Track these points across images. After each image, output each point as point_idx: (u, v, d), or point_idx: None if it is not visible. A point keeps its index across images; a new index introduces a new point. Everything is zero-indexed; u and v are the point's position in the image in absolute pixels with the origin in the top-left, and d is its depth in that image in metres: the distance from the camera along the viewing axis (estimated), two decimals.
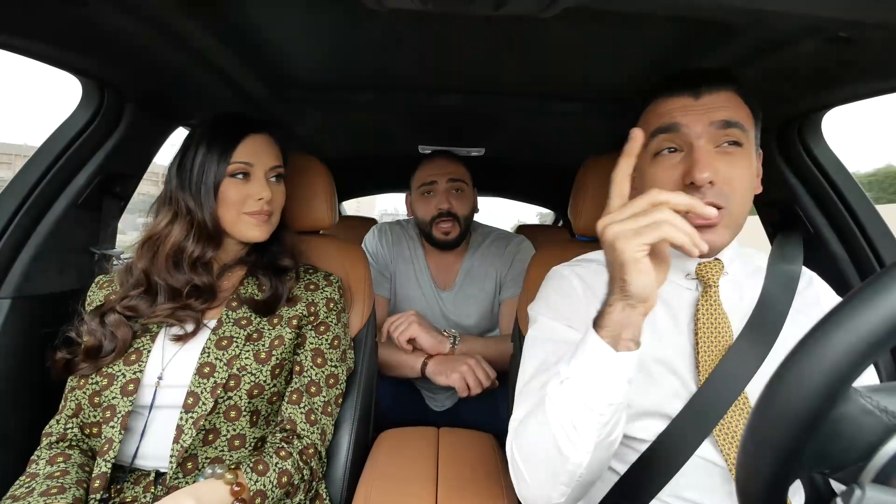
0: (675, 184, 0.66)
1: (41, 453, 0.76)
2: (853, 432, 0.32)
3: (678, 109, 0.67)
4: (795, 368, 0.32)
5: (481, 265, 1.45)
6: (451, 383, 1.15)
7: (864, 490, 0.29)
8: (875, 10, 0.59)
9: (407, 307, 1.42)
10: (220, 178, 0.84)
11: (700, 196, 0.63)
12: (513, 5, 0.61)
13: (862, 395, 0.33)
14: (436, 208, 1.36)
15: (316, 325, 0.90)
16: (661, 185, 0.67)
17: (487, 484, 0.86)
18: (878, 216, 1.00)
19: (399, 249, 1.48)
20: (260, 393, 0.80)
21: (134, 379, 0.77)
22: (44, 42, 0.76)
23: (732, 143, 0.66)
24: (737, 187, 0.66)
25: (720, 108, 0.66)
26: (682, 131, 0.66)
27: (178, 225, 0.84)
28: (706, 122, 0.65)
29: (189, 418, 0.75)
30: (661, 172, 0.68)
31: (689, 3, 0.61)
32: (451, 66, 1.01)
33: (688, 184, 0.65)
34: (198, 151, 0.84)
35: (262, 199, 0.86)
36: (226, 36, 0.83)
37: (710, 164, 0.64)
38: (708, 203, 0.62)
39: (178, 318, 0.81)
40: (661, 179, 0.68)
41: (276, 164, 0.90)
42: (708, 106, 0.66)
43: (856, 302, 0.31)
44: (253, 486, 0.70)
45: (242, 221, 0.86)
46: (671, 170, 0.67)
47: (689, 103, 0.67)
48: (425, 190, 1.39)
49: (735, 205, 0.66)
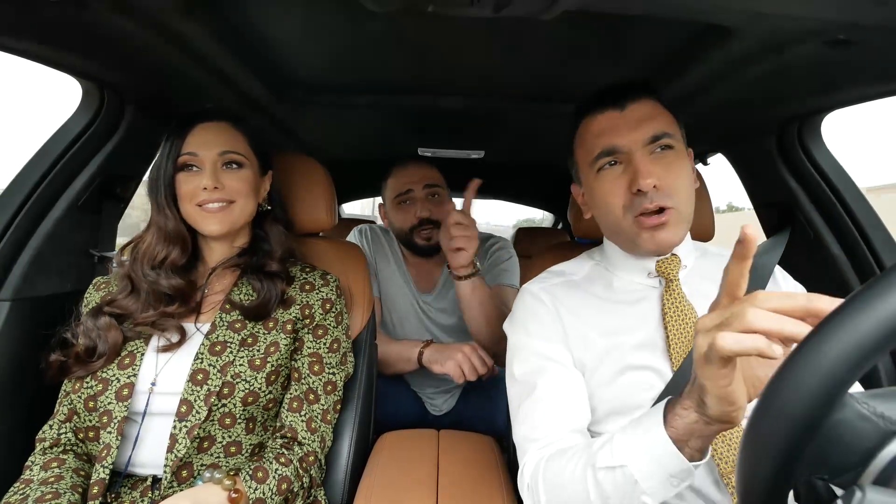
0: (624, 193, 0.73)
1: (35, 458, 0.76)
2: (850, 438, 0.32)
3: (610, 129, 0.74)
4: (792, 374, 0.32)
5: None
6: (445, 370, 1.13)
7: (864, 492, 0.29)
8: (874, 12, 0.60)
9: (391, 307, 1.41)
10: (170, 173, 0.83)
11: (647, 200, 0.70)
12: (513, 7, 0.61)
13: (858, 401, 0.33)
14: (415, 217, 1.32)
15: (313, 329, 0.88)
16: (610, 196, 0.74)
17: (488, 486, 0.86)
18: (877, 218, 1.01)
19: (380, 249, 1.45)
20: (255, 400, 0.79)
21: (128, 384, 0.76)
22: (43, 44, 0.76)
23: (665, 148, 0.73)
24: (678, 186, 0.72)
25: (646, 120, 0.73)
26: (619, 150, 0.73)
27: (151, 230, 0.85)
28: (638, 137, 0.72)
29: (183, 427, 0.74)
30: (609, 185, 0.75)
31: (688, 5, 0.61)
32: (452, 67, 1.01)
33: (634, 192, 0.71)
34: (160, 153, 0.85)
35: (208, 189, 0.81)
36: (226, 37, 0.83)
37: (651, 170, 0.70)
38: (656, 206, 0.70)
39: (161, 327, 0.80)
40: (609, 192, 0.74)
41: (226, 150, 0.84)
42: (634, 117, 0.73)
43: (853, 306, 0.31)
44: (252, 494, 0.70)
45: (200, 216, 0.83)
46: (616, 181, 0.74)
47: (616, 117, 0.74)
48: (401, 199, 1.35)
49: (680, 203, 0.72)
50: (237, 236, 0.92)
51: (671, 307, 0.74)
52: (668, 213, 0.71)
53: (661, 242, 0.72)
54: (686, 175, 0.74)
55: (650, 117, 0.73)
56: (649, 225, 0.71)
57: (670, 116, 0.76)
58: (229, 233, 0.87)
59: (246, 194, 0.87)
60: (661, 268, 0.77)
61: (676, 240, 0.74)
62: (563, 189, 1.36)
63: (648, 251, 0.75)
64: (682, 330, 0.72)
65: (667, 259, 0.77)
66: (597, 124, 0.76)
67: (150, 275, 0.82)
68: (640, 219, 0.71)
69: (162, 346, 0.79)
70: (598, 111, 0.76)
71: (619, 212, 0.74)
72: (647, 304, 0.77)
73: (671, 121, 0.76)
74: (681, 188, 0.72)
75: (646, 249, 0.74)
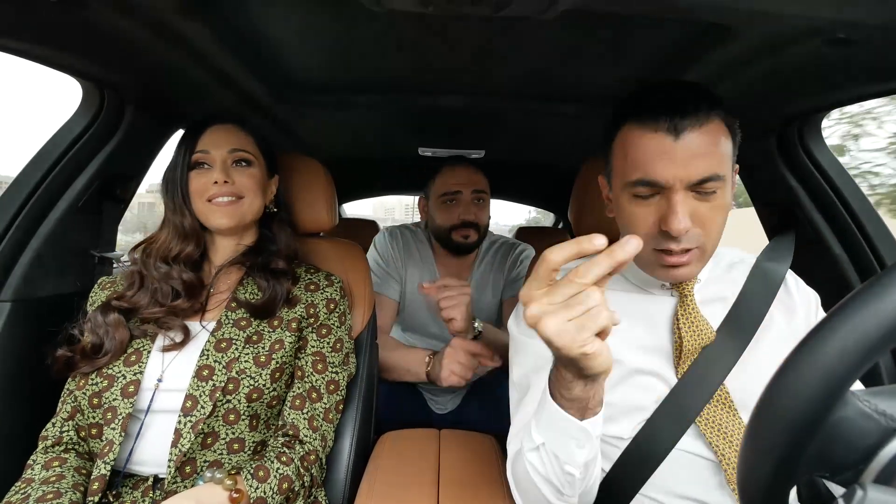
0: (652, 225, 0.66)
1: (37, 457, 0.76)
2: (852, 436, 0.32)
3: (657, 158, 0.64)
4: (793, 372, 0.32)
5: (488, 274, 1.46)
6: (449, 383, 1.13)
7: (865, 490, 0.29)
8: (874, 11, 0.60)
9: (417, 310, 1.42)
10: (185, 172, 0.86)
11: (674, 243, 0.65)
12: (513, 7, 0.61)
13: (860, 399, 0.33)
14: (458, 218, 1.35)
15: (317, 328, 0.89)
16: (638, 224, 0.67)
17: (489, 485, 0.86)
18: (878, 218, 1.00)
19: (409, 253, 1.48)
20: (259, 397, 0.79)
21: (134, 380, 0.77)
22: (43, 44, 0.76)
23: (712, 193, 0.65)
24: (711, 228, 0.66)
25: (700, 156, 0.63)
26: (660, 183, 0.64)
27: (166, 229, 0.88)
28: (685, 178, 0.63)
29: (188, 422, 0.74)
30: (639, 213, 0.67)
31: (687, 4, 0.61)
32: (452, 67, 1.01)
33: (663, 230, 0.64)
34: (175, 156, 0.88)
35: (218, 183, 0.85)
36: (226, 37, 0.83)
37: (686, 216, 0.63)
38: (682, 249, 0.65)
39: (166, 325, 0.81)
40: (637, 219, 0.68)
41: (235, 148, 0.89)
42: (689, 151, 0.63)
43: (853, 305, 0.31)
44: (253, 494, 0.70)
45: (210, 210, 0.86)
46: (648, 211, 0.67)
47: (669, 147, 0.63)
48: (448, 199, 1.38)
49: (708, 242, 0.67)
50: (244, 235, 0.93)
51: (686, 322, 0.71)
52: (692, 253, 0.66)
53: (677, 278, 0.70)
54: (723, 215, 0.67)
55: (705, 154, 0.63)
56: (669, 263, 0.67)
57: (728, 143, 0.67)
58: (237, 228, 0.90)
59: (254, 191, 0.90)
60: (676, 284, 0.74)
61: (694, 275, 0.71)
62: (563, 188, 1.37)
63: (664, 283, 0.74)
64: (694, 342, 0.70)
65: None
66: (643, 146, 0.65)
67: (162, 268, 0.85)
68: (661, 255, 0.67)
69: (167, 344, 0.80)
70: (648, 126, 0.65)
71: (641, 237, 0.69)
72: (658, 309, 0.75)
73: (726, 154, 0.66)
74: (714, 231, 0.66)
75: (662, 280, 0.73)
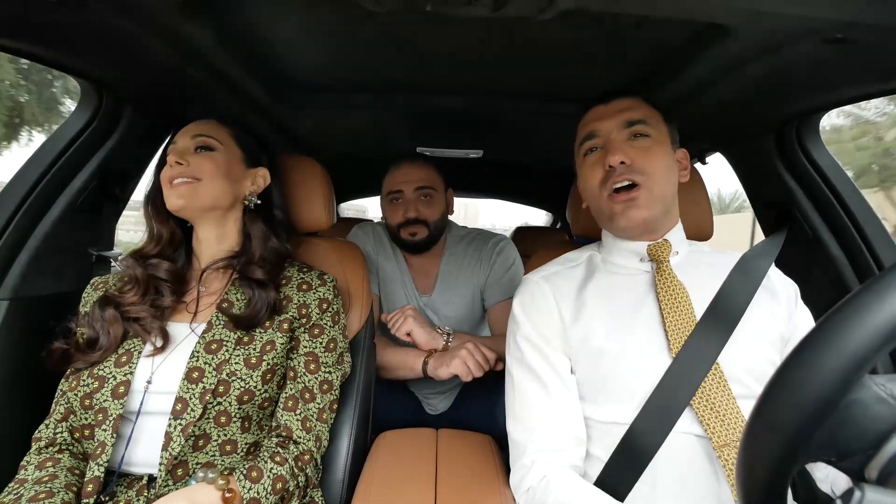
0: (600, 172, 0.79)
1: (31, 458, 0.76)
2: (864, 420, 0.32)
3: (594, 118, 0.83)
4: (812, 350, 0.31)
5: (458, 269, 1.44)
6: (452, 370, 1.13)
7: (863, 491, 0.29)
8: (871, 11, 0.60)
9: (393, 307, 1.41)
10: (160, 168, 0.87)
11: (616, 174, 0.77)
12: (511, 7, 0.61)
13: (876, 383, 0.32)
14: (403, 216, 1.36)
15: (309, 328, 0.88)
16: (590, 176, 0.81)
17: (487, 484, 0.86)
18: (875, 218, 1.01)
19: (382, 248, 1.48)
20: (251, 399, 0.78)
21: (124, 381, 0.76)
22: (43, 44, 0.77)
23: (641, 135, 0.79)
24: (649, 167, 0.77)
25: (626, 109, 0.80)
26: (599, 134, 0.81)
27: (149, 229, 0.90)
28: (616, 122, 0.80)
29: (178, 425, 0.73)
30: (590, 167, 0.82)
31: (686, 4, 0.61)
32: (450, 67, 1.01)
33: (607, 168, 0.77)
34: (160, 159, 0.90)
35: (173, 166, 0.83)
36: (224, 37, 0.83)
37: (622, 150, 0.77)
38: (624, 179, 0.76)
39: (144, 328, 0.80)
40: (589, 172, 0.82)
41: (199, 134, 0.87)
42: (616, 108, 0.81)
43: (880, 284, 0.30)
44: (246, 494, 0.69)
45: (168, 193, 0.84)
46: (595, 165, 0.81)
47: (601, 108, 0.84)
48: (393, 197, 1.39)
49: (653, 182, 0.77)
50: (224, 237, 0.90)
51: (663, 286, 0.77)
52: (638, 189, 0.76)
53: (632, 218, 0.77)
54: (660, 160, 0.78)
55: (630, 108, 0.81)
56: (620, 200, 0.77)
57: (654, 112, 0.83)
58: (196, 212, 0.86)
59: (213, 175, 0.85)
60: (652, 251, 0.81)
61: (649, 217, 0.78)
62: (561, 188, 1.37)
63: (626, 229, 0.79)
64: (675, 307, 0.75)
65: (658, 244, 0.81)
66: (585, 117, 0.86)
67: (149, 262, 0.86)
68: (613, 195, 0.78)
69: (158, 346, 0.80)
70: (589, 109, 0.86)
71: (597, 190, 0.80)
72: (642, 287, 0.81)
73: (653, 114, 0.82)
74: (653, 170, 0.77)
75: (622, 226, 0.79)
